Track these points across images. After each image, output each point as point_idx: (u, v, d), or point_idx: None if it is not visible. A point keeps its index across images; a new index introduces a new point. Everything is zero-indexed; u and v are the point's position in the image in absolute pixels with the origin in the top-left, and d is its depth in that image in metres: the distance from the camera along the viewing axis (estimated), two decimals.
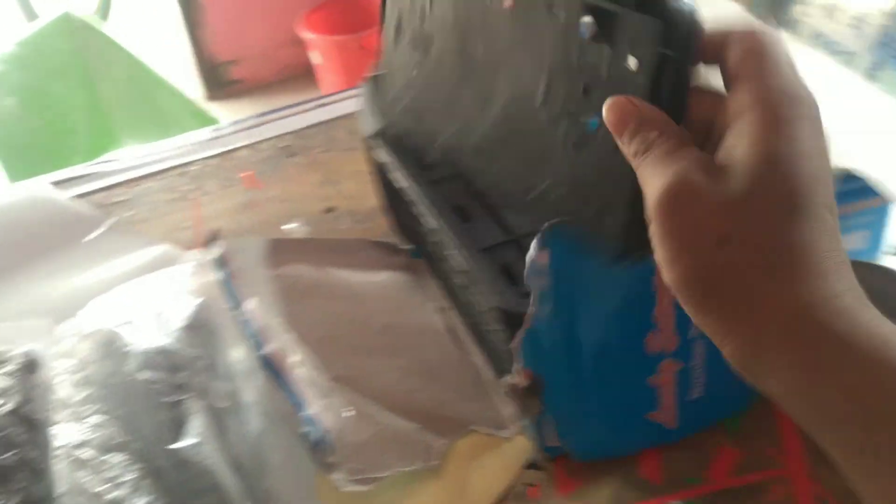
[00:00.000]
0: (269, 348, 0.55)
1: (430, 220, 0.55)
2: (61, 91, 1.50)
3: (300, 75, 2.52)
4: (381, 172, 0.65)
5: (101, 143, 1.53)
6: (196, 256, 0.65)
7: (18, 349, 0.58)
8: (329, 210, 0.76)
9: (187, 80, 2.43)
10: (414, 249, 0.70)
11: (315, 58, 2.35)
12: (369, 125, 0.63)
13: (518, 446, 0.56)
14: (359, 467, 0.49)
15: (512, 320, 0.49)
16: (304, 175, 0.81)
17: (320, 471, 0.49)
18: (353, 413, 0.51)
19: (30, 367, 0.57)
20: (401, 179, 0.59)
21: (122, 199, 0.80)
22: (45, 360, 0.59)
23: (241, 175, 0.82)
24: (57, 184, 0.82)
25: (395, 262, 0.69)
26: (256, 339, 0.56)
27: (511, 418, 0.57)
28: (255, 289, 0.61)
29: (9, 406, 0.54)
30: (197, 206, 0.79)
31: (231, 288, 0.60)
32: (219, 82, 2.53)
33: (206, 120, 1.58)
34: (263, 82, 2.57)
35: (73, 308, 0.66)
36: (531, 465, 0.55)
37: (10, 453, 0.51)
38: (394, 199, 0.67)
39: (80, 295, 0.69)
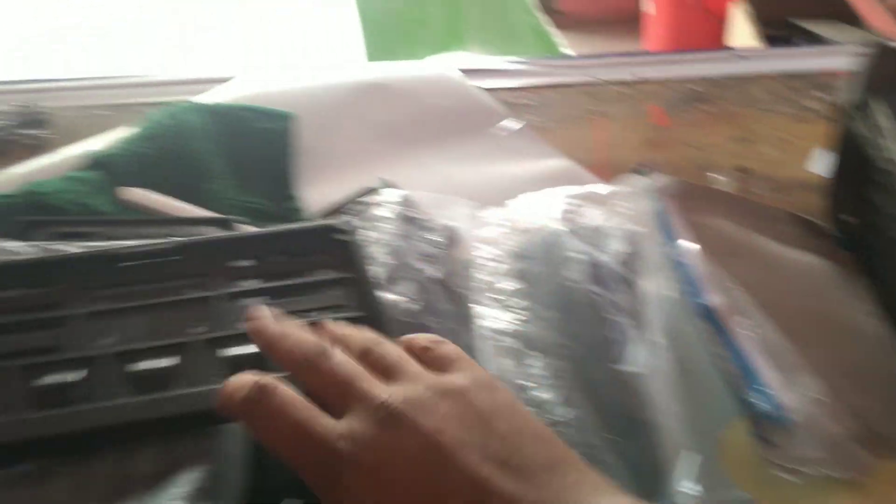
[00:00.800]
0: (712, 299, 0.51)
1: None
2: None
3: (625, 20, 2.45)
4: (849, 146, 0.59)
5: (448, 41, 1.56)
6: (615, 184, 0.63)
7: (442, 221, 0.59)
8: (742, 170, 0.71)
9: None
10: (843, 238, 0.63)
11: (648, 6, 2.27)
12: (858, 94, 0.57)
13: None
14: (811, 458, 0.45)
15: None
16: (715, 125, 0.77)
17: (764, 447, 0.46)
18: (825, 401, 0.47)
19: (453, 240, 0.58)
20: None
21: (527, 102, 0.80)
22: (465, 239, 0.59)
23: (649, 108, 0.78)
24: (464, 72, 0.82)
25: (819, 246, 0.63)
26: (693, 286, 0.53)
27: None
28: (684, 231, 0.57)
29: (437, 274, 0.55)
30: (600, 130, 0.76)
31: (668, 223, 0.56)
32: (544, 10, 2.51)
33: (549, 45, 1.57)
34: (586, 18, 2.52)
35: (485, 197, 0.66)
36: None
37: (437, 319, 0.52)
38: (847, 179, 0.61)
39: (493, 186, 0.70)
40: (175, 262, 0.45)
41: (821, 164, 0.64)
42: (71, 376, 0.37)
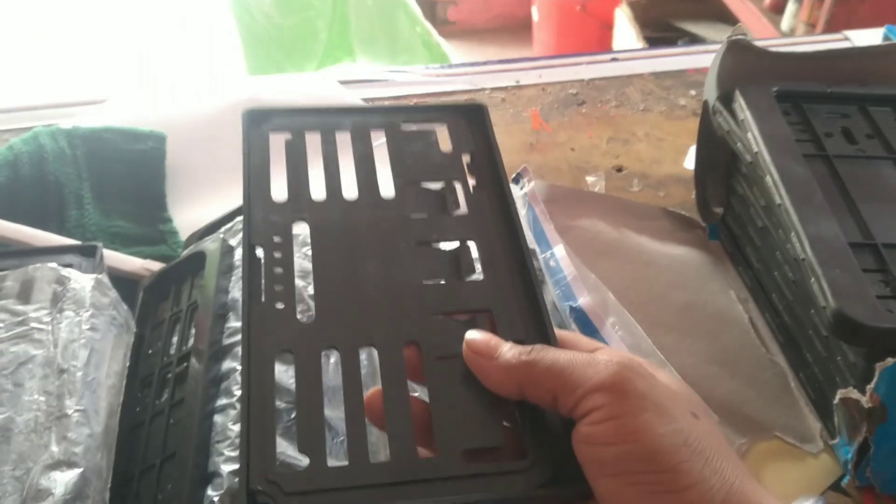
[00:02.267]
0: (583, 301, 0.52)
1: (776, 194, 0.51)
2: None
3: (513, 27, 2.49)
4: (714, 140, 0.61)
5: (336, 53, 1.55)
6: None
7: None
8: (619, 168, 0.73)
9: None
10: (713, 229, 0.65)
11: (534, 13, 2.31)
12: (716, 90, 0.59)
13: (826, 465, 0.51)
14: None
15: (861, 333, 0.44)
16: (592, 126, 0.78)
17: None
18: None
19: None
20: (756, 145, 0.54)
21: None
22: None
23: (532, 112, 0.79)
24: (345, 83, 0.82)
25: (691, 238, 0.65)
26: (566, 290, 0.53)
27: (820, 434, 0.52)
28: (557, 236, 0.58)
29: None
30: None
31: (541, 229, 0.57)
32: (434, 20, 2.53)
33: (438, 55, 1.58)
34: (476, 28, 2.55)
35: None
36: (834, 488, 0.50)
37: None
38: (714, 172, 0.63)
39: None
40: None
41: (693, 159, 0.66)
42: None
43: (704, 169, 0.64)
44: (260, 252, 0.36)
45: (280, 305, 0.35)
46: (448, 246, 0.38)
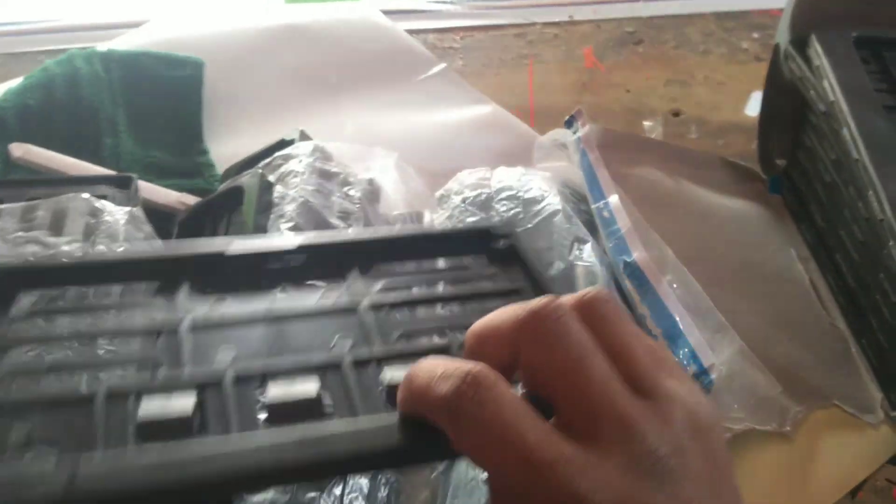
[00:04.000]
0: (638, 256, 0.49)
1: (853, 148, 0.47)
2: None
3: None
4: (783, 87, 0.56)
5: None
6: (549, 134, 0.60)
7: (362, 174, 0.56)
8: (676, 113, 0.69)
9: None
10: (775, 182, 0.62)
11: None
12: (788, 33, 0.55)
13: (886, 437, 0.49)
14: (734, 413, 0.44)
15: None
16: (649, 67, 0.74)
17: None
18: (751, 355, 0.46)
19: (373, 194, 0.55)
20: (833, 94, 0.50)
21: (453, 45, 0.76)
22: (388, 194, 0.56)
23: (585, 51, 0.75)
24: (387, 13, 0.78)
25: (751, 191, 0.62)
26: (619, 243, 0.50)
27: (881, 405, 0.50)
28: (614, 184, 0.55)
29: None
30: (532, 74, 0.73)
31: (594, 177, 0.54)
32: None
33: None
34: None
35: (409, 146, 0.63)
36: (894, 461, 0.48)
37: None
38: (780, 122, 0.59)
39: (418, 135, 0.66)
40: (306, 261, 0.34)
41: (756, 106, 0.62)
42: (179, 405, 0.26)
43: (770, 117, 0.60)
44: None
45: None
46: None
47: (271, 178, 0.50)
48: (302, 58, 0.72)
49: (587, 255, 0.49)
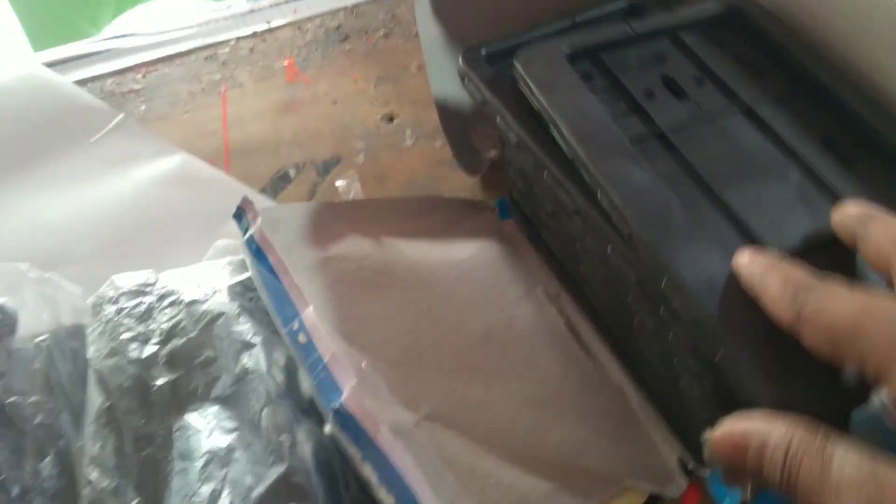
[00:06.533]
0: (349, 395, 0.35)
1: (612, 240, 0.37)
2: None
3: None
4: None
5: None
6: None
7: None
8: (389, 119, 0.61)
9: None
10: (503, 205, 0.53)
11: None
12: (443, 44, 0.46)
13: None
14: None
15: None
16: (358, 67, 0.65)
17: None
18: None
19: (5, 328, 0.44)
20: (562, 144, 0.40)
21: (134, 87, 0.65)
22: (27, 323, 0.46)
23: (285, 63, 0.66)
24: (54, 64, 0.66)
25: (481, 224, 0.52)
26: (324, 378, 0.36)
27: (678, 466, 0.40)
28: (305, 280, 0.42)
29: None
30: (228, 103, 0.63)
31: (280, 289, 0.40)
32: None
33: None
34: None
35: (93, 226, 0.53)
36: None
37: None
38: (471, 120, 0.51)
39: (100, 208, 0.56)
40: None
41: None
42: None
43: (453, 121, 0.51)
44: None
45: None
46: None
47: None
48: None
49: (254, 362, 0.40)
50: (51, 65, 0.66)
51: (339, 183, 0.55)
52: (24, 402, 0.41)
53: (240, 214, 0.44)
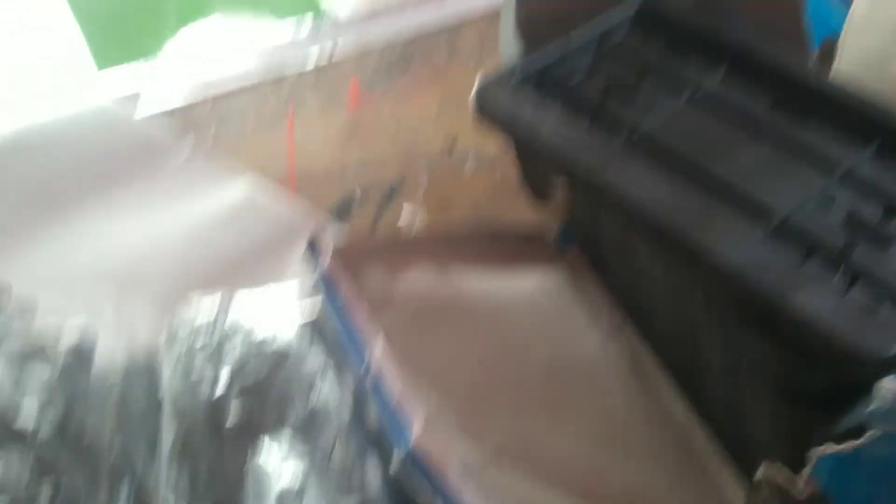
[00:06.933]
0: (418, 439, 0.35)
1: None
2: None
3: None
4: None
5: (190, 13, 1.39)
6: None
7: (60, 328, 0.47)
8: (452, 145, 0.61)
9: None
10: (565, 233, 0.52)
11: None
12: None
13: None
14: None
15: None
16: (422, 94, 0.66)
17: None
18: None
19: (79, 361, 0.46)
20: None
21: (202, 113, 0.67)
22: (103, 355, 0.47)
23: (350, 89, 0.67)
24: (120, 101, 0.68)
25: (539, 253, 0.51)
26: (393, 420, 0.37)
27: None
28: (373, 316, 0.42)
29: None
30: (293, 130, 0.65)
31: (350, 328, 0.41)
32: None
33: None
34: None
35: (164, 250, 0.55)
36: None
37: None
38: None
39: (172, 236, 0.58)
40: None
41: None
42: None
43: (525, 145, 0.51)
44: None
45: None
46: None
47: None
48: (28, 171, 0.62)
49: (323, 400, 0.41)
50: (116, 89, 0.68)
51: (404, 209, 0.56)
52: (102, 430, 0.43)
53: (311, 248, 0.45)
